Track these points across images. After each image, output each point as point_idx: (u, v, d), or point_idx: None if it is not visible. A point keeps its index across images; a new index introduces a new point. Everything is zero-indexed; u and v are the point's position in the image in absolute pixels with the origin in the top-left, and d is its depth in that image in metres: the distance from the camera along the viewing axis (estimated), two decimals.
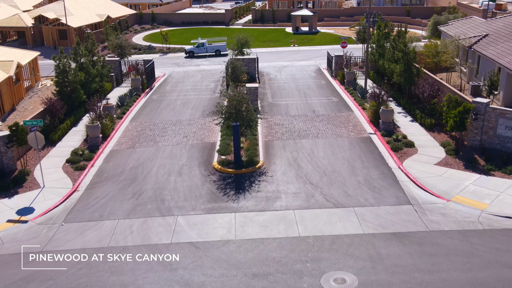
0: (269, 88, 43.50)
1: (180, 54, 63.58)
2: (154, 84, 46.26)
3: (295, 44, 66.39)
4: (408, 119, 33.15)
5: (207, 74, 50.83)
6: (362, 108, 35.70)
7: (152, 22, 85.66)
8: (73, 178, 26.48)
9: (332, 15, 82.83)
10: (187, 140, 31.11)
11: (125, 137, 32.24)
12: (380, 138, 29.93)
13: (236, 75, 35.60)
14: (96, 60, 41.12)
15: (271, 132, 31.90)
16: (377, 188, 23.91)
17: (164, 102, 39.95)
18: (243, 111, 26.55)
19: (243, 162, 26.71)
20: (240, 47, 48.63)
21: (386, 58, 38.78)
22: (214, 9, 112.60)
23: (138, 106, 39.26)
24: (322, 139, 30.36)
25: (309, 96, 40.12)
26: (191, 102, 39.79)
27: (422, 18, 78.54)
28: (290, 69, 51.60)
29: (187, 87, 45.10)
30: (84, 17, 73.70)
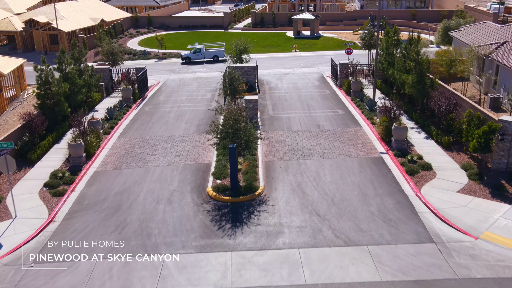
0: (270, 98, 40.58)
1: (177, 60, 60.70)
2: (147, 94, 43.34)
3: (296, 49, 63.52)
4: (422, 135, 30.22)
5: (203, 83, 47.93)
6: (371, 122, 32.77)
7: (148, 25, 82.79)
8: (50, 206, 23.54)
9: (334, 18, 79.97)
10: (179, 160, 28.17)
11: (111, 156, 29.30)
12: (393, 159, 27.00)
13: (234, 87, 32.72)
14: (83, 68, 38.22)
15: (272, 150, 28.97)
16: (394, 221, 20.97)
17: (156, 115, 37.01)
18: (241, 131, 23.61)
19: (241, 188, 23.78)
20: (239, 54, 45.73)
21: (396, 68, 35.86)
22: (212, 12, 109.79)
23: (128, 119, 36.33)
24: (328, 159, 27.42)
25: (312, 108, 37.20)
26: (185, 114, 36.85)
27: (428, 21, 75.72)
28: (291, 77, 48.70)
29: (182, 97, 42.17)
30: (77, 21, 70.86)
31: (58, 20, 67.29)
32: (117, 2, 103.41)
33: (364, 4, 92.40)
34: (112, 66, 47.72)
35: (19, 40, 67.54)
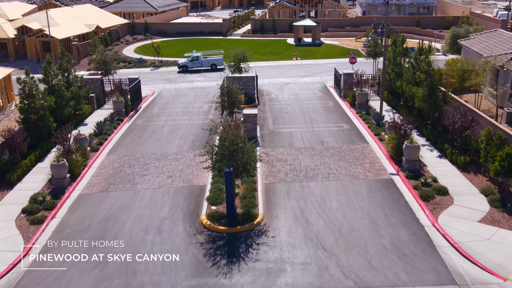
0: (270, 111, 38.33)
1: (173, 68, 58.51)
2: (140, 106, 41.09)
3: (297, 57, 61.35)
4: (435, 154, 27.93)
5: (200, 93, 45.69)
6: (379, 139, 30.50)
7: (145, 32, 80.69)
8: (26, 236, 21.24)
9: (336, 25, 77.87)
10: (171, 182, 25.86)
11: (98, 177, 27.00)
12: (404, 181, 24.69)
13: (232, 100, 30.48)
14: (72, 80, 36.00)
15: (273, 171, 26.67)
16: (409, 257, 18.64)
17: (149, 129, 34.74)
18: (238, 152, 21.33)
19: (238, 216, 21.47)
20: (237, 63, 43.50)
21: (405, 79, 33.62)
22: (212, 17, 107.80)
23: (119, 134, 34.05)
24: (334, 181, 25.11)
25: (315, 122, 34.93)
26: (180, 129, 34.59)
27: (433, 28, 73.63)
28: (293, 87, 46.48)
29: (177, 109, 39.91)
30: (71, 27, 68.73)
31: (52, 27, 65.19)
32: (114, 8, 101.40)
33: (366, 10, 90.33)
34: (105, 75, 45.50)
35: (11, 47, 65.38)
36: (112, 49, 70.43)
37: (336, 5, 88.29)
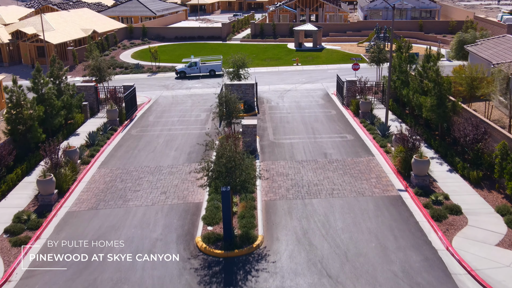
0: (270, 120, 36.80)
1: (171, 74, 57.04)
2: (135, 114, 39.55)
3: (298, 63, 59.89)
4: (445, 168, 26.38)
5: (198, 100, 44.19)
6: (385, 151, 28.95)
7: (143, 37, 79.29)
8: (7, 260, 19.68)
9: (337, 29, 76.47)
10: (165, 199, 24.30)
11: (88, 192, 25.43)
12: (414, 199, 23.13)
13: (230, 111, 28.95)
14: (64, 87, 34.50)
15: (273, 186, 25.11)
16: (423, 286, 17.06)
17: (143, 140, 33.19)
18: (236, 169, 19.77)
19: (236, 238, 19.92)
20: (236, 70, 42.00)
21: (412, 88, 32.09)
22: (211, 21, 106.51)
23: (112, 144, 32.50)
24: (338, 198, 23.56)
25: (318, 132, 33.40)
26: (176, 139, 33.05)
27: (436, 33, 72.22)
28: (293, 94, 44.98)
29: (174, 118, 38.39)
30: (67, 32, 67.27)
31: (47, 31, 63.76)
32: (112, 12, 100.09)
33: (367, 15, 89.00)
34: (99, 82, 44.01)
35: (5, 52, 63.91)
36: (109, 54, 69.05)
37: (337, 9, 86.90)
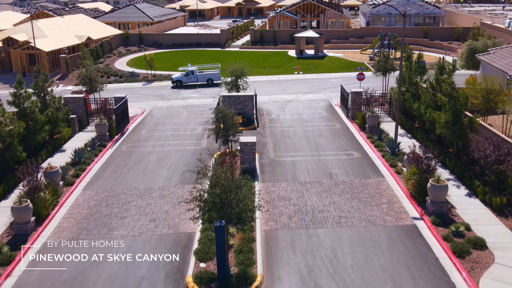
0: (271, 134, 34.43)
1: (167, 83, 54.77)
2: (127, 128, 37.19)
3: (299, 71, 57.60)
4: (463, 191, 23.98)
5: (194, 112, 41.85)
6: (396, 171, 26.56)
7: (140, 43, 77.09)
8: None
9: (340, 36, 74.26)
10: (154, 227, 21.90)
11: (70, 219, 23.02)
12: (431, 229, 20.72)
13: (227, 127, 26.57)
14: (49, 100, 32.20)
15: (274, 213, 22.71)
16: None
17: (134, 157, 30.80)
18: (232, 200, 17.38)
19: (232, 278, 17.51)
20: (235, 80, 39.68)
21: (423, 102, 29.72)
22: (210, 27, 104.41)
23: (100, 162, 30.11)
24: (347, 228, 21.16)
25: (322, 149, 31.02)
26: (169, 157, 30.67)
27: (442, 40, 70.02)
28: (295, 106, 42.64)
29: (168, 132, 36.02)
30: (60, 39, 65.04)
31: (39, 38, 61.59)
32: (109, 18, 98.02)
33: (370, 21, 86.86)
34: (90, 93, 41.70)
35: None
36: (104, 61, 66.83)
37: (339, 15, 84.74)
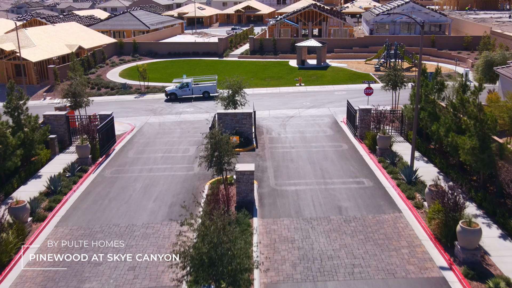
0: (271, 157, 31.07)
1: (160, 96, 51.51)
2: (113, 148, 33.83)
3: (301, 83, 54.33)
4: (495, 232, 20.59)
5: (188, 129, 38.55)
6: (415, 205, 23.18)
7: (134, 52, 73.88)
8: None
9: (343, 45, 71.08)
10: (133, 278, 18.48)
11: (35, 266, 19.60)
12: (464, 283, 17.28)
13: (221, 154, 23.20)
14: (24, 120, 28.86)
15: (276, 260, 19.29)
16: None
17: (118, 185, 27.41)
18: (224, 258, 13.99)
19: None
20: (232, 95, 36.35)
21: (443, 123, 26.34)
22: (208, 35, 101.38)
23: (79, 191, 26.72)
24: (361, 281, 17.74)
25: (328, 175, 27.65)
26: (157, 184, 27.28)
27: (450, 49, 66.81)
28: (297, 122, 39.32)
29: (158, 153, 32.66)
30: (50, 48, 61.84)
31: (27, 48, 58.45)
32: (104, 25, 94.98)
33: (374, 29, 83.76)
34: (75, 109, 38.39)
35: None
36: (96, 71, 63.62)
37: (342, 23, 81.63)
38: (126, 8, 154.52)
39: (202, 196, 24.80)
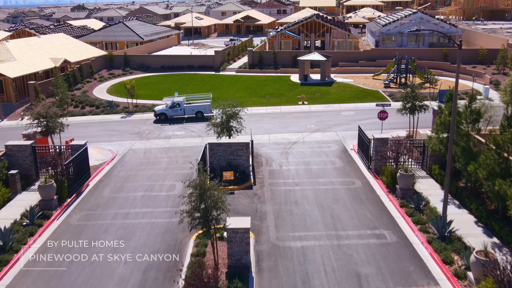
0: (271, 198, 26.15)
1: (149, 116, 46.70)
2: (87, 183, 28.94)
3: (304, 101, 49.55)
4: None
5: (177, 158, 33.74)
6: (454, 274, 18.19)
7: (125, 66, 69.17)
8: None
9: (348, 58, 66.39)
10: None
11: None
12: None
13: (207, 209, 18.24)
14: None
15: None
16: None
17: (84, 236, 22.44)
18: None
19: None
20: (226, 120, 31.45)
21: (483, 164, 21.40)
22: (205, 47, 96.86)
23: (35, 246, 21.76)
24: None
25: (341, 225, 22.72)
26: (132, 237, 22.34)
27: (464, 63, 61.94)
28: (301, 150, 34.47)
29: (138, 192, 27.74)
30: (32, 62, 57.11)
31: (6, 62, 53.90)
32: (95, 36, 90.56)
33: (380, 40, 79.15)
34: (47, 135, 33.56)
35: None
36: (82, 87, 58.94)
37: (346, 35, 77.02)
38: (123, 17, 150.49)
39: (185, 258, 19.87)
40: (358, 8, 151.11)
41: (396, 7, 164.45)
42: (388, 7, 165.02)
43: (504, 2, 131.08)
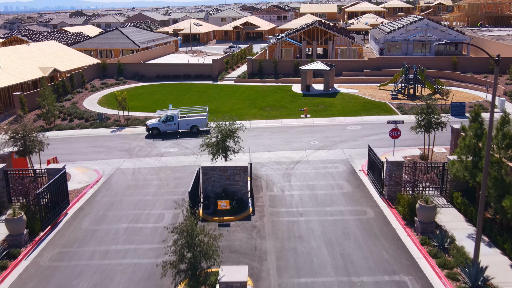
0: (272, 232, 22.94)
1: (141, 130, 43.58)
2: (66, 212, 25.73)
3: (307, 113, 46.41)
4: None
5: (168, 180, 30.58)
6: None
7: (118, 75, 66.14)
8: None
9: (352, 67, 63.31)
10: None
11: None
12: None
13: (196, 259, 15.10)
14: None
15: None
16: None
17: (53, 283, 19.21)
18: None
19: None
20: (222, 140, 28.31)
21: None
22: (203, 54, 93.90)
23: None
24: None
25: (353, 268, 19.50)
26: (109, 284, 19.11)
27: (474, 72, 58.96)
28: (305, 171, 31.29)
29: (122, 223, 24.54)
30: (19, 72, 54.07)
31: None
32: (90, 44, 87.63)
33: (384, 48, 76.18)
34: (24, 155, 30.37)
35: None
36: (72, 98, 55.89)
37: (350, 42, 74.01)
38: (120, 24, 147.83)
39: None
40: (360, 14, 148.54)
41: (398, 13, 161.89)
42: (390, 13, 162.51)
43: (509, 8, 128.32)
